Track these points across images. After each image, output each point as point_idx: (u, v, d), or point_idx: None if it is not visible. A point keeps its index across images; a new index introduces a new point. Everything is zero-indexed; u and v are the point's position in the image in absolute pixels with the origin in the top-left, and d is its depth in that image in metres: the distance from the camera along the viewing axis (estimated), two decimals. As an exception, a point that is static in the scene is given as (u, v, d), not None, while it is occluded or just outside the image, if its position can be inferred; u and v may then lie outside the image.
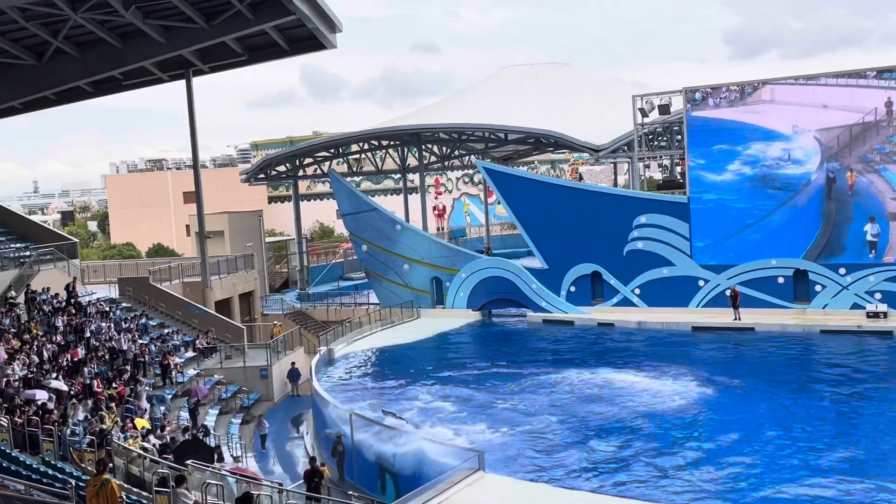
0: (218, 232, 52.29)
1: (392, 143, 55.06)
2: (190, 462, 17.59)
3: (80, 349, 28.08)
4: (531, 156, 69.53)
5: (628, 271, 38.37)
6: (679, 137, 43.66)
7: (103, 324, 31.34)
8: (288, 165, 55.20)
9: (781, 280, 35.88)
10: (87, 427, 20.66)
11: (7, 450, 17.73)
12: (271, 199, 77.20)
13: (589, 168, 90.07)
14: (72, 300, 32.26)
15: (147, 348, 31.06)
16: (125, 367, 28.64)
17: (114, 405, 23.99)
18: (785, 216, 35.88)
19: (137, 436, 20.94)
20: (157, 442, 21.10)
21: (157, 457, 18.63)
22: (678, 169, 48.35)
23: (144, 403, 25.68)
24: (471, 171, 73.87)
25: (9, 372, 23.59)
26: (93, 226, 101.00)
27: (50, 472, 16.13)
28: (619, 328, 36.93)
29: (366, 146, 55.09)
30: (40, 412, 20.55)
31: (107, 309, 33.74)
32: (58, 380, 24.47)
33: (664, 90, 40.51)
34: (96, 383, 25.47)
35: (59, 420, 20.48)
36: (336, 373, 32.05)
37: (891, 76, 33.56)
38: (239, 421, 29.88)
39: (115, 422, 21.63)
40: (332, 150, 54.47)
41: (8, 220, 38.90)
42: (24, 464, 16.79)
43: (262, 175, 55.75)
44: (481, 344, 37.47)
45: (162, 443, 21.14)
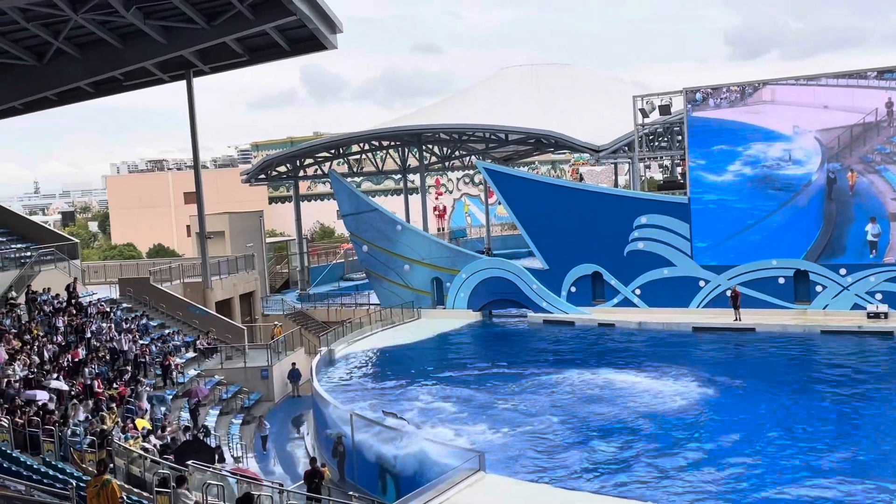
0: (218, 232, 52.27)
1: (392, 144, 55.08)
2: (191, 462, 17.60)
3: (81, 350, 28.07)
4: (532, 156, 69.53)
5: (629, 272, 38.38)
6: (679, 138, 43.66)
7: (104, 324, 31.33)
8: (288, 166, 55.22)
9: (782, 280, 35.88)
10: (88, 427, 20.68)
11: (8, 450, 17.73)
12: (272, 200, 77.23)
13: (589, 168, 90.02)
14: (72, 301, 32.25)
15: (148, 349, 31.06)
16: (126, 368, 28.65)
17: (114, 406, 24.03)
18: (785, 217, 35.88)
19: (138, 436, 20.97)
20: (158, 442, 21.12)
21: (158, 457, 18.64)
22: (679, 169, 48.38)
23: (145, 404, 25.70)
24: (471, 172, 73.89)
25: (9, 372, 23.59)
26: (93, 226, 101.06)
27: (51, 473, 16.12)
28: (620, 329, 36.94)
29: (366, 146, 55.11)
30: (41, 413, 20.56)
31: (107, 309, 33.73)
32: (58, 380, 24.47)
33: (665, 90, 40.55)
34: (97, 384, 25.48)
35: (60, 420, 20.48)
36: (337, 373, 32.05)
37: (891, 76, 33.56)
38: (239, 421, 29.89)
39: (116, 422, 21.65)
40: (333, 151, 54.47)
41: (9, 221, 38.90)
42: (25, 464, 16.79)
43: (263, 175, 55.77)
44: (482, 344, 37.47)
45: (163, 443, 21.16)
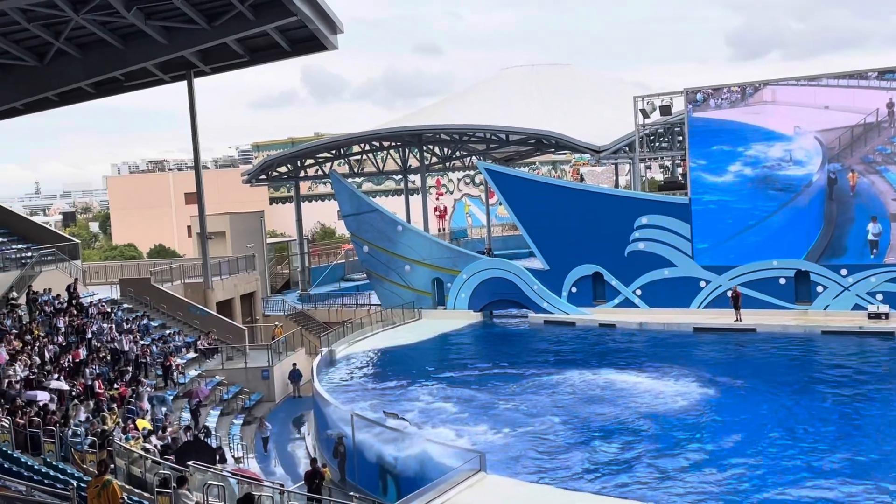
0: (219, 233, 52.30)
1: (393, 144, 55.08)
2: (191, 463, 17.59)
3: (82, 350, 28.07)
4: (532, 157, 69.47)
5: (629, 272, 38.36)
6: (680, 138, 43.62)
7: (105, 325, 31.33)
8: (289, 166, 55.22)
9: (783, 281, 35.85)
10: (89, 428, 20.68)
11: (8, 451, 17.73)
12: (273, 200, 77.22)
13: (590, 169, 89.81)
14: (73, 301, 32.25)
15: (148, 349, 31.05)
16: (126, 368, 28.63)
17: (115, 406, 24.04)
18: (786, 217, 35.86)
19: (139, 437, 20.98)
20: (159, 443, 21.12)
21: (159, 458, 18.64)
22: (679, 170, 48.38)
23: (146, 404, 25.71)
24: (472, 172, 73.89)
25: (10, 373, 23.60)
26: (94, 227, 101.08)
27: (51, 473, 16.12)
28: (621, 329, 36.93)
29: (367, 147, 55.10)
30: (42, 413, 20.58)
31: (108, 310, 33.73)
32: (59, 381, 24.47)
33: (665, 91, 40.54)
34: (98, 384, 25.48)
35: (61, 421, 20.49)
36: (337, 374, 32.04)
37: (892, 77, 33.53)
38: (240, 422, 29.88)
39: (117, 423, 21.66)
40: (334, 151, 54.48)
41: (9, 221, 38.91)
42: (26, 465, 16.79)
43: (264, 176, 55.78)
44: (483, 345, 37.46)
45: (163, 444, 21.16)
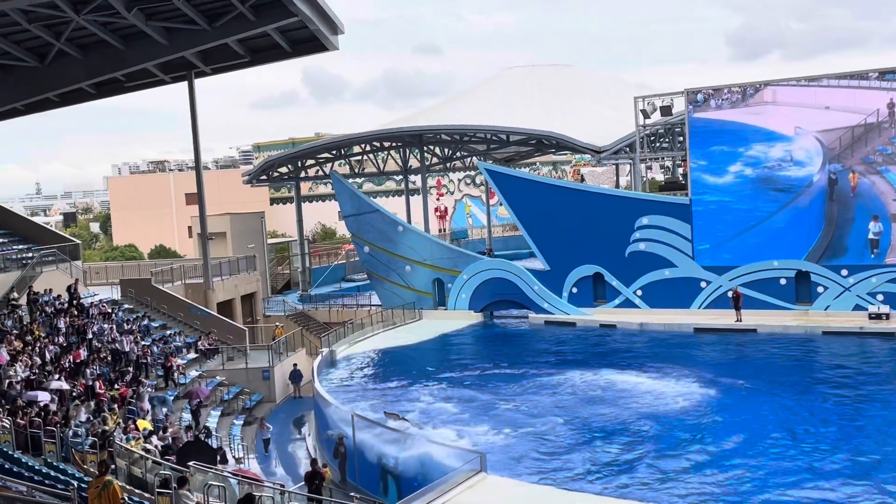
0: (220, 233, 52.30)
1: (394, 145, 55.08)
2: (192, 463, 17.58)
3: (83, 351, 28.06)
4: (533, 157, 69.53)
5: (630, 273, 38.35)
6: (681, 139, 43.63)
7: (105, 325, 31.33)
8: (290, 167, 55.22)
9: (783, 281, 35.84)
10: (90, 428, 20.67)
11: (9, 451, 17.73)
12: (273, 201, 77.25)
13: (591, 169, 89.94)
14: (74, 302, 32.26)
15: (149, 350, 31.05)
16: (127, 369, 28.63)
17: (116, 407, 24.05)
18: (787, 217, 35.85)
19: (140, 437, 20.97)
20: (160, 443, 21.12)
21: (160, 458, 18.63)
22: (680, 170, 48.33)
23: (146, 405, 25.71)
24: (472, 173, 73.91)
25: (11, 373, 23.61)
26: (95, 227, 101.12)
27: (52, 474, 16.11)
28: (621, 329, 36.92)
29: (368, 147, 55.11)
30: (42, 414, 20.57)
31: (109, 310, 33.73)
32: (60, 381, 24.47)
33: (666, 91, 40.56)
34: (98, 385, 25.47)
35: (62, 421, 20.48)
36: (338, 374, 32.03)
37: (893, 77, 33.51)
38: (241, 422, 29.88)
39: (118, 423, 21.65)
40: (334, 152, 54.48)
41: (10, 222, 38.94)
42: (27, 465, 16.78)
43: (265, 176, 55.79)
44: (483, 345, 37.45)
45: (164, 444, 21.16)
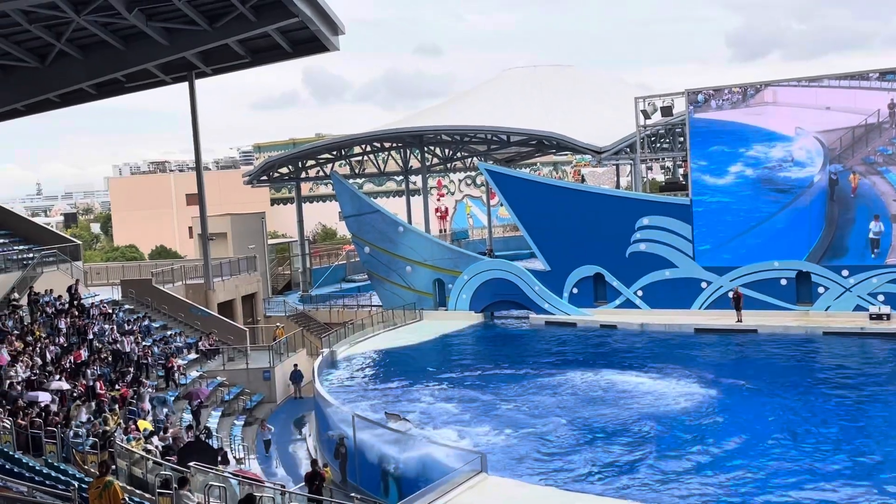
0: (221, 234, 52.26)
1: (394, 145, 55.08)
2: (193, 464, 17.58)
3: (83, 351, 28.07)
4: (533, 158, 69.50)
5: (631, 273, 38.35)
6: (681, 139, 43.62)
7: (106, 326, 31.35)
8: (290, 167, 55.21)
9: (784, 282, 35.83)
10: (90, 429, 20.68)
11: (10, 451, 17.73)
12: (274, 201, 77.26)
13: (591, 170, 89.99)
14: (75, 302, 32.27)
15: (150, 350, 31.04)
16: (128, 369, 28.64)
17: (117, 407, 24.04)
18: (787, 218, 35.83)
19: (140, 438, 20.97)
20: (160, 444, 21.12)
21: (160, 458, 18.63)
22: (681, 171, 48.28)
23: (147, 405, 25.70)
24: (473, 173, 73.88)
25: (12, 374, 23.62)
26: (96, 228, 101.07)
27: (53, 474, 16.11)
28: (622, 330, 36.91)
29: (368, 148, 55.11)
30: (43, 414, 20.58)
31: (109, 311, 33.73)
32: (60, 382, 24.47)
33: (666, 92, 40.52)
34: (99, 385, 25.47)
35: (62, 422, 20.48)
36: (339, 375, 32.04)
37: (893, 78, 33.50)
38: (241, 423, 29.87)
39: (118, 424, 21.65)
40: (335, 152, 54.47)
41: (11, 222, 38.94)
42: (27, 465, 16.78)
43: (265, 177, 55.79)
44: (484, 346, 37.46)
45: (165, 444, 21.16)
